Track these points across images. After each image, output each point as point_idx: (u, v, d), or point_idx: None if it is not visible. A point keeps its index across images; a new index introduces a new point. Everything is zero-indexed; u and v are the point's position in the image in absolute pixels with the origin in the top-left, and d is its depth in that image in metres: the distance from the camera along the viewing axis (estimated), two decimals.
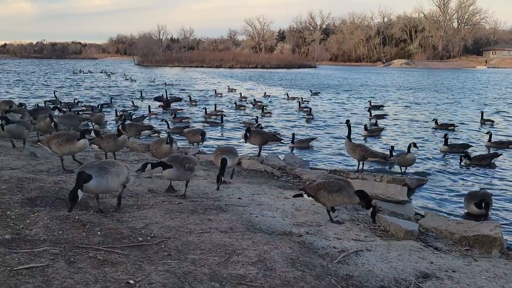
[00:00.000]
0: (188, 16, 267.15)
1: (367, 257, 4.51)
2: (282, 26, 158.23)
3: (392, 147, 12.29)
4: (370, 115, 21.94)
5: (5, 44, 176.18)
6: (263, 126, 16.58)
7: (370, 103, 26.61)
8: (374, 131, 17.01)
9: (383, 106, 26.87)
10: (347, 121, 10.68)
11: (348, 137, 10.27)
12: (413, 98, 33.92)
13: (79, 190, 4.35)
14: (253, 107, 25.50)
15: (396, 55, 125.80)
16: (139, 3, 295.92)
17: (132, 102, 25.61)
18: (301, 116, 22.79)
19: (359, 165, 10.43)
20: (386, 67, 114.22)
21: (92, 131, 7.18)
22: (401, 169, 10.98)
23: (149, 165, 5.69)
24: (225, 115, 20.50)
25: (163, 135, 15.02)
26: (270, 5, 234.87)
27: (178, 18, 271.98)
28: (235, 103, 26.51)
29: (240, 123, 19.24)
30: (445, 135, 14.17)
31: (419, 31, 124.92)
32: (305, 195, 5.75)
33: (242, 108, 25.20)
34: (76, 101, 25.43)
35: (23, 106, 13.78)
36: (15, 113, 10.76)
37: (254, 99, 28.04)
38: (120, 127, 8.62)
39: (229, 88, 38.01)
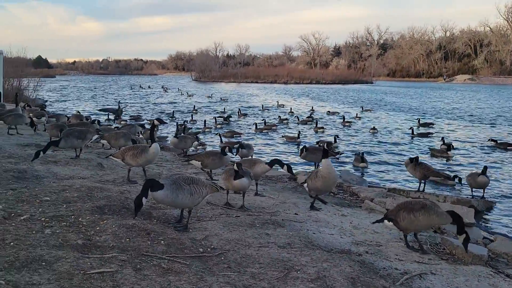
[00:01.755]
0: (244, 33, 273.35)
1: (431, 281, 4.31)
2: (338, 42, 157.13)
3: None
4: (412, 133, 21.12)
5: (75, 62, 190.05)
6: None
7: (419, 121, 25.61)
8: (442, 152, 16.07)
9: (433, 124, 25.47)
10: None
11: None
12: (478, 116, 32.15)
13: (143, 197, 4.51)
14: (298, 123, 25.63)
15: (459, 71, 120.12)
16: (197, 21, 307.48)
17: (192, 116, 26.56)
18: (346, 133, 22.44)
19: (420, 184, 10.02)
20: (447, 83, 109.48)
21: (227, 147, 8.16)
22: (471, 191, 10.36)
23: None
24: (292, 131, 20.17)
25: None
26: (325, 21, 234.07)
27: (234, 35, 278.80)
28: (279, 117, 27.12)
29: (318, 142, 16.84)
30: None
31: (485, 45, 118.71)
32: (385, 221, 5.31)
33: (285, 121, 25.76)
34: (138, 115, 26.79)
35: (94, 121, 14.54)
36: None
37: (309, 116, 28.05)
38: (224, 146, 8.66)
39: (278, 104, 38.35)
